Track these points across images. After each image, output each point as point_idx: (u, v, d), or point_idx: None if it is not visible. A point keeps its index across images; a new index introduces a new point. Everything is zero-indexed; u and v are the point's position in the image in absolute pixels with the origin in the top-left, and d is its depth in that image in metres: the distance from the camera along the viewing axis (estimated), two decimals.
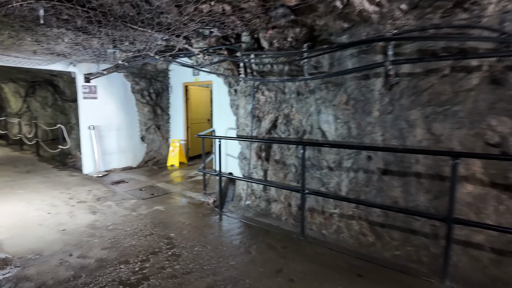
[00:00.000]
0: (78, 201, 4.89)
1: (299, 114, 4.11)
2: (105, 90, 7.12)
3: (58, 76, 9.16)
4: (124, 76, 7.39)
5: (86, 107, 6.88)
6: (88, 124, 6.86)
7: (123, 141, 7.54)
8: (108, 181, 6.29)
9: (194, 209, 4.61)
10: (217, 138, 4.63)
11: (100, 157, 7.08)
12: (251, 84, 4.40)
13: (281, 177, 4.37)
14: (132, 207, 4.64)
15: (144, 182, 6.26)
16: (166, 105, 8.27)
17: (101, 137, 7.13)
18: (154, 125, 8.01)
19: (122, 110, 7.46)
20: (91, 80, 6.86)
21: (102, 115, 7.12)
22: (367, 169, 3.54)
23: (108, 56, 5.42)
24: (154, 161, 8.08)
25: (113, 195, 5.29)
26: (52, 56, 5.67)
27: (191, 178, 6.54)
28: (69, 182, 6.15)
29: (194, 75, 7.40)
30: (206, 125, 8.87)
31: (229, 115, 6.17)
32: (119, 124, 7.42)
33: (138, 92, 7.64)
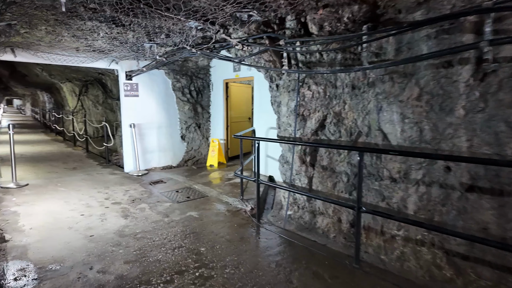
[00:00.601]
0: (113, 202, 4.73)
1: (353, 112, 3.42)
2: (146, 88, 7.02)
3: (105, 74, 9.40)
4: (165, 73, 7.23)
5: (127, 105, 6.83)
6: (129, 122, 6.80)
7: (163, 140, 7.41)
8: (147, 181, 6.14)
9: (229, 218, 4.16)
10: (255, 139, 4.12)
11: (141, 155, 7.00)
12: (296, 77, 3.80)
13: (329, 186, 3.72)
14: (165, 212, 4.33)
15: (181, 183, 5.99)
16: (207, 103, 7.99)
17: (142, 135, 7.05)
18: (194, 123, 7.78)
19: (163, 108, 7.32)
20: (132, 78, 6.79)
21: (143, 113, 7.03)
22: (444, 183, 2.75)
23: (146, 52, 5.19)
24: (193, 160, 7.86)
25: (149, 197, 5.07)
26: (93, 53, 5.62)
27: (229, 180, 6.13)
28: (109, 180, 6.12)
29: (234, 71, 6.99)
30: (247, 124, 8.43)
31: (271, 113, 5.64)
32: (159, 122, 7.30)
33: (178, 89, 7.45)
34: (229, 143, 7.80)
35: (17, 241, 3.25)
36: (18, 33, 3.92)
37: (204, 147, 8.00)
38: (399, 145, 3.03)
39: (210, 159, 7.50)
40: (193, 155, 7.89)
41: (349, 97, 3.42)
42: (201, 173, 6.78)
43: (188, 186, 5.75)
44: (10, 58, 5.37)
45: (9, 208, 4.31)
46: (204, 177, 6.46)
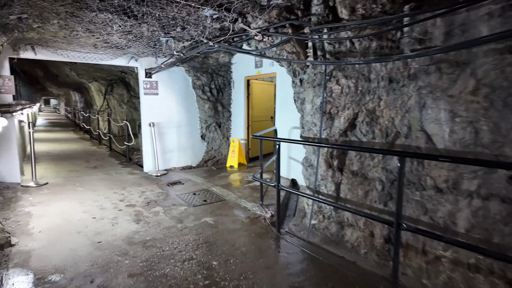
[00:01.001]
0: (127, 205, 4.53)
1: (390, 109, 2.94)
2: (166, 86, 6.84)
3: (128, 73, 9.39)
4: (185, 71, 7.02)
5: (147, 103, 6.68)
6: (148, 121, 6.65)
7: (183, 139, 7.21)
8: (165, 182, 5.94)
9: (247, 226, 3.81)
10: (276, 140, 3.73)
11: (160, 155, 6.83)
12: (322, 70, 3.37)
13: (360, 195, 3.26)
14: (180, 217, 4.06)
15: (199, 184, 5.73)
16: (228, 102, 7.70)
17: (161, 134, 6.88)
18: (214, 122, 7.51)
19: (183, 107, 7.11)
20: (152, 75, 6.62)
21: (163, 112, 6.85)
22: (508, 197, 2.23)
23: (163, 46, 4.96)
24: (213, 161, 7.60)
25: (165, 199, 4.83)
26: (111, 50, 5.48)
27: (248, 183, 5.78)
28: (127, 180, 5.98)
29: (256, 67, 6.63)
30: (269, 124, 8.05)
31: (294, 112, 5.23)
32: (179, 121, 7.10)
33: (199, 87, 7.21)
34: (250, 143, 7.46)
35: (22, 246, 3.09)
36: (32, 28, 3.79)
37: (224, 147, 7.71)
38: (447, 149, 2.53)
39: (230, 159, 7.20)
40: (213, 155, 7.63)
41: (385, 92, 2.94)
42: (220, 175, 6.49)
43: (206, 188, 5.47)
44: (30, 55, 5.34)
45: (24, 208, 4.22)
46: (223, 178, 6.16)
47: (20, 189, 5.12)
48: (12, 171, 5.39)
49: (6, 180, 5.34)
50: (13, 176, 5.41)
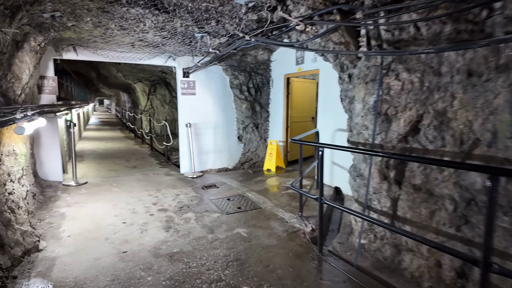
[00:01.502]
0: (159, 209, 4.35)
1: (467, 110, 2.32)
2: (203, 86, 6.64)
3: (168, 73, 9.43)
4: (223, 70, 6.77)
5: (184, 103, 6.54)
6: (185, 121, 6.51)
7: (219, 140, 6.97)
8: (200, 184, 5.72)
9: (284, 241, 3.38)
10: (319, 146, 3.24)
11: (196, 156, 6.66)
12: (377, 62, 2.82)
13: (423, 214, 2.66)
14: (211, 226, 3.76)
15: (234, 189, 5.41)
16: (266, 102, 7.31)
17: (198, 135, 6.70)
18: (252, 123, 7.17)
19: (220, 107, 6.87)
20: (189, 75, 6.47)
21: (200, 112, 6.67)
22: None
23: (198, 43, 4.71)
24: (250, 163, 7.26)
25: (198, 204, 4.58)
26: (149, 48, 5.38)
27: (286, 190, 5.34)
28: (163, 182, 5.86)
29: (297, 64, 6.15)
30: (310, 125, 7.52)
31: (338, 112, 4.72)
32: (216, 121, 6.87)
33: (236, 87, 6.92)
34: (289, 146, 6.99)
35: (49, 252, 2.98)
36: (67, 27, 3.74)
37: (261, 149, 7.34)
38: None
39: (267, 162, 6.81)
40: (250, 157, 7.29)
41: (461, 88, 2.33)
42: (256, 179, 6.12)
43: (241, 193, 5.14)
44: (72, 56, 5.43)
45: (60, 209, 4.22)
46: (260, 183, 5.78)
47: (61, 188, 5.21)
48: (55, 170, 5.53)
49: (49, 179, 5.49)
50: (56, 174, 5.55)
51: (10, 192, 2.94)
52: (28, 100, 4.19)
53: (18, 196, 3.13)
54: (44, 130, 5.37)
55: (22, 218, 3.02)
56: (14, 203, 2.97)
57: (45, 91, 5.30)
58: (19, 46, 3.33)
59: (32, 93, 4.55)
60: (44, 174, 5.44)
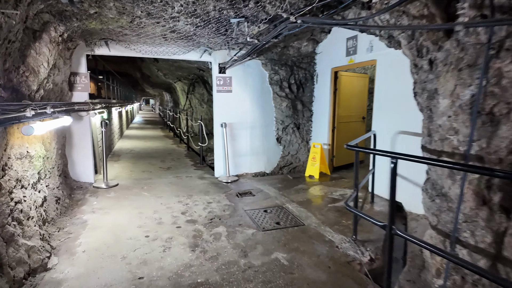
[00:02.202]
0: (188, 220, 3.84)
1: None
2: (241, 82, 6.08)
3: (205, 71, 9.05)
4: (261, 64, 6.14)
5: (219, 101, 6.03)
6: (220, 121, 5.99)
7: (256, 142, 6.36)
8: (234, 191, 5.16)
9: (335, 275, 2.64)
10: (392, 156, 2.44)
11: (231, 159, 6.12)
12: (479, 40, 1.98)
13: None
14: (245, 246, 3.14)
15: (272, 198, 4.76)
16: (309, 99, 6.55)
17: (233, 136, 6.16)
18: (292, 123, 6.46)
19: (257, 106, 6.26)
20: (226, 71, 5.94)
21: (236, 111, 6.12)
22: None
23: (234, 31, 4.13)
24: (290, 167, 6.56)
25: (231, 215, 4.00)
26: (182, 41, 4.93)
27: (334, 202, 4.55)
28: (195, 187, 5.39)
29: (348, 54, 5.31)
30: (359, 126, 6.61)
31: (399, 111, 3.88)
32: (253, 121, 6.27)
33: (276, 83, 6.26)
34: (335, 149, 6.16)
35: (57, 272, 2.57)
36: (89, 15, 3.35)
37: (303, 153, 6.59)
38: None
39: (310, 168, 6.05)
40: (290, 161, 6.58)
41: None
42: (297, 186, 5.40)
43: (280, 204, 4.47)
44: (105, 52, 5.16)
45: (83, 215, 3.89)
46: (301, 193, 5.06)
47: (90, 191, 4.96)
48: (86, 171, 5.32)
49: (81, 180, 5.29)
50: (87, 175, 5.33)
51: (18, 201, 2.58)
52: (53, 97, 3.92)
53: (29, 205, 2.77)
54: (76, 129, 5.17)
55: (31, 231, 2.65)
56: (22, 214, 2.61)
57: (76, 88, 5.08)
58: (37, 36, 2.99)
59: (60, 90, 4.30)
60: (76, 175, 5.25)
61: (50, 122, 3.11)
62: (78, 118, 5.17)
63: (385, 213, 4.05)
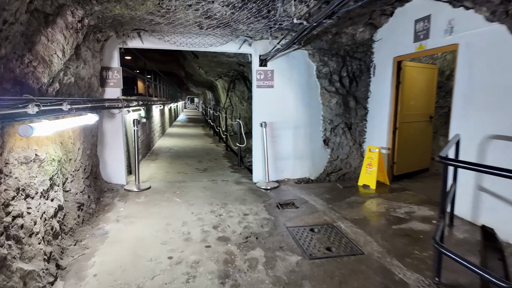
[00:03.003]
0: (219, 237, 3.25)
1: None
2: (284, 76, 5.37)
3: (245, 66, 8.47)
4: (308, 55, 5.37)
5: (259, 98, 5.39)
6: (260, 120, 5.34)
7: (300, 144, 5.61)
8: (274, 200, 4.49)
9: None
10: None
11: (271, 162, 5.45)
12: None
13: None
14: (288, 283, 2.45)
15: (319, 212, 4.00)
16: (364, 95, 5.63)
17: (274, 137, 5.48)
18: (343, 123, 5.59)
19: (302, 103, 5.50)
20: (267, 63, 5.27)
21: (277, 109, 5.43)
22: None
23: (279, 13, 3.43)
24: (339, 174, 5.70)
25: (270, 234, 3.34)
26: (218, 29, 4.36)
27: (399, 222, 3.65)
28: (231, 193, 4.82)
29: (417, 40, 4.33)
30: (426, 127, 5.55)
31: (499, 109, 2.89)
32: (297, 120, 5.53)
33: (325, 76, 5.44)
34: (396, 155, 5.17)
35: None
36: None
37: (355, 157, 5.69)
38: None
39: (364, 176, 5.15)
40: (339, 166, 5.72)
41: None
42: (350, 199, 4.56)
43: (329, 221, 3.70)
44: (138, 44, 4.78)
45: (106, 224, 3.49)
46: (355, 207, 4.21)
47: (120, 194, 4.61)
48: (118, 172, 5.01)
49: (112, 181, 4.99)
50: (119, 177, 5.02)
51: (18, 215, 2.17)
52: (76, 93, 3.56)
53: (35, 218, 2.35)
54: (108, 128, 4.87)
55: (32, 250, 2.23)
56: (23, 230, 2.19)
57: (108, 84, 4.77)
58: (49, 20, 2.58)
59: (88, 85, 3.97)
60: (107, 176, 4.96)
61: (64, 120, 2.70)
62: (110, 116, 4.86)
63: (472, 242, 3.09)
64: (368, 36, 5.17)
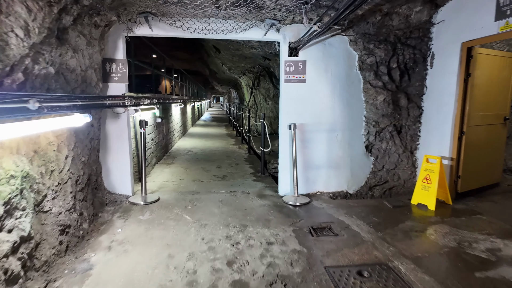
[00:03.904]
0: (233, 282, 2.42)
1: None
2: (318, 68, 4.44)
3: (272, 59, 7.59)
4: (349, 42, 4.40)
5: (288, 95, 4.50)
6: (288, 122, 4.46)
7: (336, 150, 4.66)
8: (305, 222, 3.60)
9: None
10: None
11: (301, 172, 4.55)
12: None
13: None
14: None
15: (367, 243, 3.05)
16: (418, 91, 4.57)
17: (304, 141, 4.57)
18: (391, 125, 4.56)
19: (340, 100, 4.54)
20: (298, 52, 4.37)
21: (310, 108, 4.51)
22: None
23: None
24: (384, 187, 4.68)
25: (303, 279, 2.46)
26: (240, 10, 3.52)
27: (483, 267, 2.62)
28: (252, 210, 3.98)
29: (501, 17, 3.24)
30: (499, 131, 4.41)
31: None
32: (333, 122, 4.58)
33: (369, 68, 4.44)
34: (462, 167, 4.08)
35: None
36: None
37: (404, 168, 4.64)
38: None
39: (419, 193, 4.11)
40: (384, 178, 4.70)
41: None
42: (404, 224, 3.55)
43: (382, 259, 2.75)
44: (146, 32, 4.05)
45: (94, 254, 2.77)
46: (414, 237, 3.21)
47: (123, 208, 3.92)
48: (123, 181, 4.34)
49: (116, 191, 4.33)
50: (124, 186, 4.35)
51: None
52: (60, 88, 2.86)
53: None
54: (111, 130, 4.20)
55: None
56: None
57: (112, 79, 4.09)
58: None
59: (82, 79, 3.28)
60: (111, 185, 4.30)
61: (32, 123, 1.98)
62: (113, 116, 4.19)
63: None
64: (425, 17, 4.12)
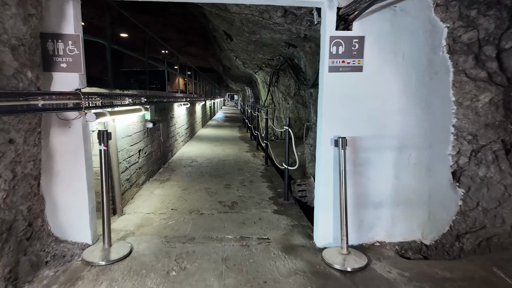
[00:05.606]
0: None
1: None
2: (382, 49, 2.80)
3: (298, 46, 5.94)
4: (435, 8, 2.74)
5: (332, 91, 2.86)
6: (333, 133, 2.84)
7: (407, 178, 2.99)
8: None
9: None
10: None
11: (352, 212, 2.92)
12: None
13: None
14: None
15: None
16: None
17: (357, 165, 2.93)
18: (498, 141, 2.85)
19: (416, 101, 2.88)
20: (352, 23, 2.74)
21: (367, 113, 2.88)
22: None
23: None
24: (479, 236, 2.97)
25: None
26: None
27: None
28: (277, 285, 2.38)
29: None
30: None
31: None
32: (403, 135, 2.92)
33: (466, 50, 2.75)
34: None
35: None
36: None
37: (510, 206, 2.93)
38: None
39: None
40: (480, 222, 2.98)
41: None
42: None
43: None
44: None
45: None
46: None
47: (69, 272, 2.41)
48: (79, 221, 2.83)
49: (68, 238, 2.83)
50: (80, 230, 2.84)
51: None
52: None
53: None
54: (58, 145, 2.70)
55: None
56: None
57: (58, 66, 2.58)
58: None
59: None
60: (60, 229, 2.80)
61: None
62: (61, 125, 2.69)
63: None
64: None
